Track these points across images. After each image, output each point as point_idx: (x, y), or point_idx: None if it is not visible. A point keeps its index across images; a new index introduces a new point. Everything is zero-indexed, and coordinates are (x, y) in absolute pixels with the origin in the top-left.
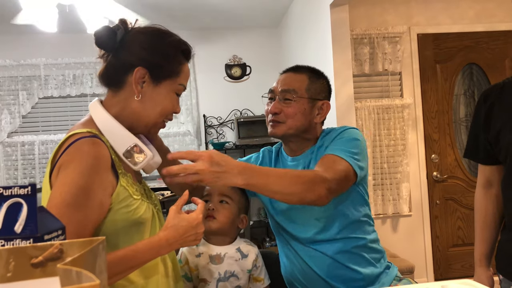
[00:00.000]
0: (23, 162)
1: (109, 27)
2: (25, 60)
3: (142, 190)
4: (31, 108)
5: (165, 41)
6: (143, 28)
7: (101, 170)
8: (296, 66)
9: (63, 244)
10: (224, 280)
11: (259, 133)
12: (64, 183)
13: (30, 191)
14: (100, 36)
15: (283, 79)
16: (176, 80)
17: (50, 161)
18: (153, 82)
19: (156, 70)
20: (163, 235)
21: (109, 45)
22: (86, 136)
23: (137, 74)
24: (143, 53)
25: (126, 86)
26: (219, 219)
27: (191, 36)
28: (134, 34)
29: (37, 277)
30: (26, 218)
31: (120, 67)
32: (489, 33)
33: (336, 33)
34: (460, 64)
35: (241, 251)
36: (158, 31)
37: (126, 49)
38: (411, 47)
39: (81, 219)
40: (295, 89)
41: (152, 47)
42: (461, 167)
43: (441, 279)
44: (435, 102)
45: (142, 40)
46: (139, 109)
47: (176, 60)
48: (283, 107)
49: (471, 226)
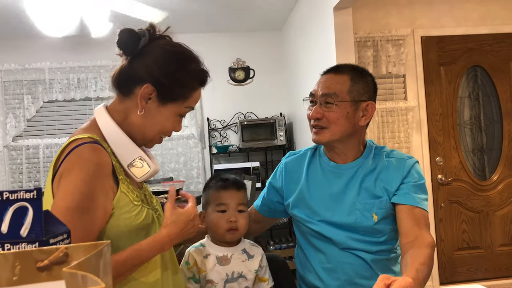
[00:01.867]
0: (28, 166)
1: (135, 32)
2: (30, 64)
3: (142, 196)
4: (35, 112)
5: (184, 67)
6: (167, 44)
7: (103, 176)
8: (337, 66)
9: (68, 248)
10: (232, 281)
11: (263, 136)
12: (68, 190)
13: (35, 195)
14: (123, 37)
15: (324, 82)
16: (183, 103)
17: (52, 167)
18: (159, 102)
19: (165, 91)
20: (165, 232)
21: (129, 49)
22: (87, 141)
23: (144, 90)
24: (157, 72)
25: (133, 97)
26: (241, 230)
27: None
28: (156, 47)
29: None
30: (31, 222)
31: (132, 76)
32: (493, 36)
33: (340, 36)
34: (465, 67)
35: (247, 252)
36: (180, 53)
37: (142, 59)
38: (415, 49)
39: (86, 225)
40: (336, 92)
41: (167, 69)
42: (466, 170)
43: (446, 283)
44: (439, 104)
45: (159, 57)
46: (139, 123)
47: (188, 86)
48: (324, 111)
49: (476, 229)
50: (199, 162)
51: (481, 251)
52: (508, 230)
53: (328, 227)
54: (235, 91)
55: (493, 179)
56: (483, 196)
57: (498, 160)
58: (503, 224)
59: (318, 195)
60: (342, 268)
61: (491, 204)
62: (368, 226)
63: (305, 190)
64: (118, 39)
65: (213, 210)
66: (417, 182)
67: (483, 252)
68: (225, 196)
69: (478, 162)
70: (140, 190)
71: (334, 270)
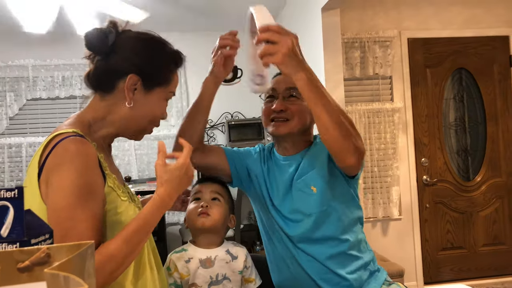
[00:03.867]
0: (10, 165)
1: (101, 30)
2: (13, 61)
3: (127, 192)
4: (18, 109)
5: (160, 50)
6: (136, 33)
7: (94, 167)
8: None
9: (50, 248)
10: (217, 284)
11: (250, 136)
12: (63, 186)
13: (17, 194)
14: (91, 38)
15: (284, 79)
16: (167, 88)
17: (37, 164)
18: (145, 90)
19: (149, 78)
20: (163, 192)
21: (101, 48)
22: (71, 135)
23: (129, 81)
24: (137, 60)
25: (116, 92)
26: (213, 216)
27: (182, 37)
28: (127, 39)
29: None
30: (12, 222)
31: (112, 72)
32: (477, 38)
33: (327, 36)
34: (450, 69)
35: (231, 253)
36: (152, 38)
37: (118, 54)
38: (401, 51)
39: (91, 216)
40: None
41: (146, 55)
42: (450, 171)
43: (430, 283)
44: (425, 106)
45: (135, 46)
46: (129, 116)
47: (168, 69)
48: (288, 104)
49: (460, 230)
50: None
51: (465, 251)
52: (491, 230)
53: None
54: (222, 91)
55: (476, 180)
56: (467, 197)
57: (481, 161)
58: (486, 225)
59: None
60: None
61: (475, 204)
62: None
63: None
64: (86, 42)
65: (190, 202)
66: None
67: (466, 252)
68: (199, 186)
69: (463, 163)
70: (124, 187)
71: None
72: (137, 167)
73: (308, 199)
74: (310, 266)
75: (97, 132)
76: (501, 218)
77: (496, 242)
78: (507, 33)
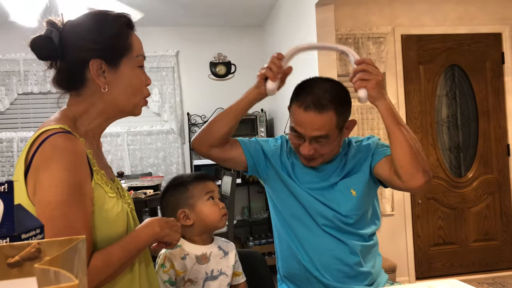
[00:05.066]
0: (1, 160)
1: (41, 36)
2: (4, 55)
3: (115, 188)
4: (9, 104)
5: (103, 22)
6: (75, 20)
7: (83, 164)
8: (318, 102)
9: (41, 243)
10: (212, 279)
11: (244, 132)
12: (53, 184)
13: (7, 188)
14: (38, 48)
15: (310, 123)
16: (132, 54)
17: (24, 160)
18: (112, 67)
19: (109, 54)
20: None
21: (52, 53)
22: (59, 131)
23: (93, 67)
24: (88, 44)
25: (88, 83)
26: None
27: (176, 33)
28: (70, 30)
29: (14, 277)
30: (2, 217)
31: (74, 68)
32: (470, 36)
33: (321, 32)
34: (443, 66)
35: (223, 249)
36: (91, 16)
37: (69, 48)
38: (395, 47)
39: (83, 214)
40: (327, 134)
41: (93, 34)
42: (442, 167)
43: (422, 278)
44: (418, 102)
45: (80, 32)
46: (111, 99)
47: (123, 36)
48: (316, 147)
49: (451, 226)
50: (178, 158)
51: (456, 246)
52: (482, 226)
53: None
54: (216, 86)
55: (468, 176)
56: (459, 193)
57: (473, 158)
58: (477, 221)
59: (303, 189)
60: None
61: (466, 200)
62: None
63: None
64: (36, 54)
65: (203, 201)
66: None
67: (458, 247)
68: (212, 185)
69: (455, 159)
70: (113, 183)
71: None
72: (129, 163)
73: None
74: (331, 254)
75: (85, 126)
76: (492, 214)
77: (487, 238)
78: (500, 31)
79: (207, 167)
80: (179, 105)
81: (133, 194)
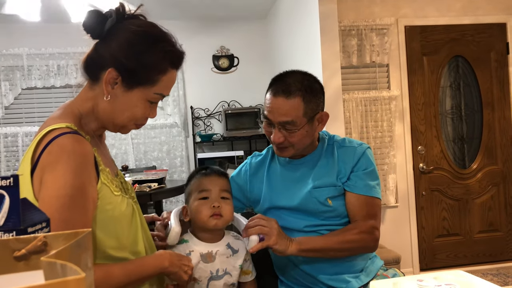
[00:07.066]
0: (6, 154)
1: (101, 13)
2: (7, 50)
3: (119, 184)
4: (14, 99)
5: (151, 47)
6: (135, 24)
7: (89, 166)
8: (286, 88)
9: (47, 236)
10: (217, 279)
11: (247, 125)
12: (58, 186)
13: (12, 182)
14: (89, 19)
15: (277, 108)
16: (151, 88)
17: (30, 158)
18: (125, 87)
19: (129, 76)
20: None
21: (95, 32)
22: (66, 132)
23: (108, 75)
24: (119, 55)
25: (100, 83)
26: (226, 217)
27: (178, 26)
28: (123, 29)
29: (20, 270)
30: (8, 210)
31: (97, 61)
32: (475, 26)
33: (324, 24)
34: (447, 57)
35: (232, 247)
36: (149, 34)
37: (108, 42)
38: (398, 39)
39: (83, 218)
40: (293, 120)
41: (130, 51)
42: (446, 158)
43: (426, 269)
44: (422, 94)
45: (124, 39)
46: (108, 110)
47: (156, 69)
48: (285, 135)
49: (455, 217)
50: (182, 151)
51: (460, 237)
52: (486, 217)
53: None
54: (219, 79)
55: (472, 167)
56: (463, 184)
57: (477, 149)
58: (481, 212)
59: (278, 189)
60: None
61: (471, 192)
62: (326, 210)
63: (267, 187)
64: (84, 21)
65: (195, 199)
66: (366, 169)
67: (462, 238)
68: (206, 182)
69: (459, 151)
70: (116, 178)
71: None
72: (134, 156)
73: (324, 210)
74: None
75: (88, 125)
76: (496, 205)
77: (491, 229)
78: (504, 21)
79: (211, 160)
80: (182, 99)
81: (137, 188)
